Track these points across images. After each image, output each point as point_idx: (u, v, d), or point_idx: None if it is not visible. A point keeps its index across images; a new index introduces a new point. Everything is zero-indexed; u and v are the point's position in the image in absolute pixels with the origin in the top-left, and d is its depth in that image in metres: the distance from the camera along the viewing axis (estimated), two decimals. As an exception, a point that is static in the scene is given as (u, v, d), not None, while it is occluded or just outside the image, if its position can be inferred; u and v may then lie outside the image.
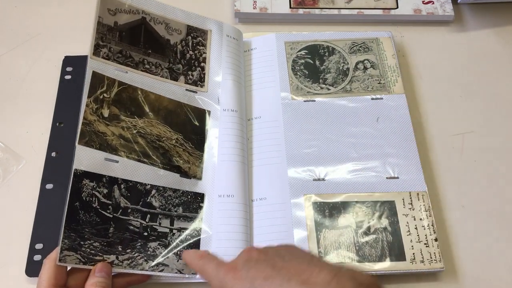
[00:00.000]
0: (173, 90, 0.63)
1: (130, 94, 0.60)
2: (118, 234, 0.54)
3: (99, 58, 0.60)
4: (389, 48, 0.68)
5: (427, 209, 0.58)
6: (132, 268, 0.53)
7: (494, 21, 0.75)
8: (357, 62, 0.68)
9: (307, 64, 0.68)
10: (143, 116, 0.60)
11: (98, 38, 0.61)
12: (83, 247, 0.51)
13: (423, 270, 0.54)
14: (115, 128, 0.58)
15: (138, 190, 0.56)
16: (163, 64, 0.64)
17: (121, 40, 0.63)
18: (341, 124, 0.63)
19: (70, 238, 0.51)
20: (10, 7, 0.75)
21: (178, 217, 0.57)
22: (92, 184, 0.54)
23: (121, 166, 0.56)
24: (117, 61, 0.61)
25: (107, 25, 0.62)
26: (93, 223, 0.53)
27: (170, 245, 0.55)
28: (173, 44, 0.65)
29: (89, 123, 0.56)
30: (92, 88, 0.58)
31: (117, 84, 0.60)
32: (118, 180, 0.56)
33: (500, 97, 0.68)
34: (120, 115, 0.59)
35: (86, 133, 0.55)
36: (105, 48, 0.61)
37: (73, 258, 0.50)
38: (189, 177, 0.59)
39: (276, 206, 0.59)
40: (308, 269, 0.40)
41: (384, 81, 0.66)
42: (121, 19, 0.63)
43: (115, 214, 0.54)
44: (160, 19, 0.66)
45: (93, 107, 0.57)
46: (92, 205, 0.53)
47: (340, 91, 0.66)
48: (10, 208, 0.60)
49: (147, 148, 0.58)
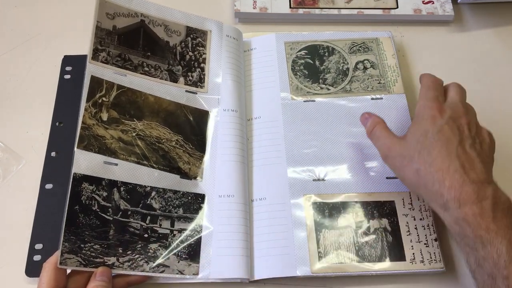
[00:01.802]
0: (172, 92, 0.63)
1: (129, 97, 0.60)
2: (118, 236, 0.54)
3: (98, 62, 0.60)
4: (389, 48, 0.68)
5: (427, 209, 0.58)
6: (133, 270, 0.53)
7: (494, 21, 0.75)
8: (357, 62, 0.68)
9: (307, 64, 0.68)
10: (142, 118, 0.60)
11: (96, 43, 0.61)
12: (84, 250, 0.52)
13: (423, 270, 0.54)
14: (114, 131, 0.58)
15: (138, 193, 0.56)
16: (162, 66, 0.64)
17: (120, 43, 0.62)
18: (341, 124, 0.63)
19: (70, 241, 0.51)
20: (10, 7, 0.75)
21: (179, 218, 0.57)
22: (91, 187, 0.54)
23: (120, 169, 0.56)
24: (116, 64, 0.61)
25: (105, 29, 0.62)
26: (93, 226, 0.53)
27: (170, 246, 0.55)
28: (172, 45, 0.65)
29: (88, 127, 0.56)
30: (90, 92, 0.58)
31: (116, 88, 0.60)
32: (117, 183, 0.56)
33: (500, 97, 0.68)
34: (119, 118, 0.59)
35: (85, 137, 0.56)
36: (104, 52, 0.61)
37: (74, 261, 0.51)
38: (190, 178, 0.59)
39: (276, 206, 0.59)
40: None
41: (384, 81, 0.66)
42: (120, 23, 0.63)
43: (115, 217, 0.54)
44: (159, 21, 0.66)
45: (91, 111, 0.57)
46: (91, 208, 0.53)
47: (340, 91, 0.66)
48: (10, 208, 0.60)
49: (147, 150, 0.58)
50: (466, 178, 0.46)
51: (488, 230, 0.44)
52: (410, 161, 0.50)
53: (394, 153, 0.52)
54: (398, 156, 0.52)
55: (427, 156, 0.49)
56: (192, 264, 0.54)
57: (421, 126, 0.51)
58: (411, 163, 0.50)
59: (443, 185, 0.47)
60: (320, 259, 0.55)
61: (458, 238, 0.47)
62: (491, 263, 0.44)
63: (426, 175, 0.48)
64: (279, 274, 0.55)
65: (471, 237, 0.45)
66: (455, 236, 0.47)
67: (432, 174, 0.48)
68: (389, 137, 0.54)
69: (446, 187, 0.46)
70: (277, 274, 0.55)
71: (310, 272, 0.54)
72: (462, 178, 0.46)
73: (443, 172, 0.47)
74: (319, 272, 0.54)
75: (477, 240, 0.44)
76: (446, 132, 0.50)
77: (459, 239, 0.47)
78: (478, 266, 0.45)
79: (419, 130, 0.51)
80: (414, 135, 0.51)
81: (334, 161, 0.61)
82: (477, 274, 0.46)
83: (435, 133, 0.50)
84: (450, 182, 0.46)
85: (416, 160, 0.49)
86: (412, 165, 0.50)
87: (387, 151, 0.53)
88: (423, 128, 0.51)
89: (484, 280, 0.45)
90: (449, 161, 0.48)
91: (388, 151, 0.53)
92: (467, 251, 0.46)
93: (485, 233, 0.44)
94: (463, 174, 0.47)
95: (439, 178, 0.47)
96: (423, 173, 0.48)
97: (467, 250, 0.46)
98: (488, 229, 0.44)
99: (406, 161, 0.50)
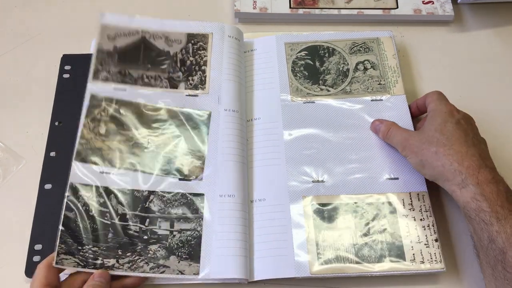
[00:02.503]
0: (172, 98, 0.63)
1: (127, 109, 0.62)
2: (118, 239, 0.54)
3: (98, 81, 0.62)
4: (389, 48, 0.68)
5: (427, 209, 0.57)
6: (133, 271, 0.53)
7: (494, 21, 0.75)
8: (357, 63, 0.67)
9: (307, 65, 0.68)
10: (140, 127, 0.61)
11: (97, 64, 0.63)
12: (82, 252, 0.53)
13: (423, 270, 0.54)
14: (111, 142, 0.59)
15: (136, 197, 0.57)
16: (162, 75, 0.64)
17: (120, 61, 0.64)
18: (340, 125, 0.63)
19: (67, 243, 0.53)
20: (10, 7, 0.75)
21: (178, 219, 0.57)
22: (88, 194, 0.56)
23: (118, 177, 0.58)
24: (115, 81, 0.63)
25: (106, 51, 0.64)
26: (90, 229, 0.54)
27: (170, 247, 0.55)
28: (173, 54, 0.66)
29: (86, 142, 0.59)
30: (90, 109, 0.60)
31: (114, 102, 0.62)
32: (114, 190, 0.57)
33: (500, 97, 0.68)
34: (117, 129, 0.60)
35: (82, 151, 0.58)
36: (104, 71, 0.63)
37: (71, 261, 0.52)
38: (189, 179, 0.59)
39: (275, 208, 0.59)
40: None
41: (385, 82, 0.66)
42: (121, 42, 0.65)
43: (113, 221, 0.55)
44: (159, 34, 0.66)
45: (90, 126, 0.59)
46: (88, 214, 0.55)
47: (340, 92, 0.65)
48: (10, 208, 0.60)
49: (144, 157, 0.59)
50: (483, 163, 0.51)
51: (503, 207, 0.49)
52: (429, 145, 0.54)
53: (412, 141, 0.56)
54: (416, 143, 0.55)
55: (446, 141, 0.53)
56: (193, 264, 0.54)
57: (439, 118, 0.56)
58: (430, 147, 0.54)
59: (462, 165, 0.51)
60: (319, 260, 0.55)
61: (473, 214, 0.50)
62: (504, 237, 0.47)
63: (445, 156, 0.52)
64: (278, 275, 0.55)
65: (488, 212, 0.49)
66: (470, 212, 0.50)
67: (451, 155, 0.52)
68: (405, 131, 0.59)
69: (465, 166, 0.51)
70: (276, 275, 0.55)
71: (309, 273, 0.54)
72: (479, 162, 0.51)
73: (462, 154, 0.52)
74: (318, 273, 0.54)
75: (493, 214, 0.48)
76: (463, 125, 0.55)
77: (474, 215, 0.50)
78: (491, 242, 0.48)
79: (437, 120, 0.55)
80: (432, 125, 0.55)
81: (333, 162, 0.61)
82: (489, 250, 0.49)
83: (453, 123, 0.55)
84: (468, 163, 0.51)
85: (435, 144, 0.53)
86: (430, 148, 0.53)
87: (405, 142, 0.57)
88: (441, 118, 0.55)
89: (495, 256, 0.48)
90: (467, 147, 0.53)
91: (406, 141, 0.57)
92: (481, 227, 0.49)
93: (500, 209, 0.49)
94: (480, 160, 0.52)
95: (458, 159, 0.52)
96: (442, 154, 0.52)
97: (482, 226, 0.49)
98: (503, 206, 0.49)
99: (425, 145, 0.54)
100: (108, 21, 0.66)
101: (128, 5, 0.76)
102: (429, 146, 0.54)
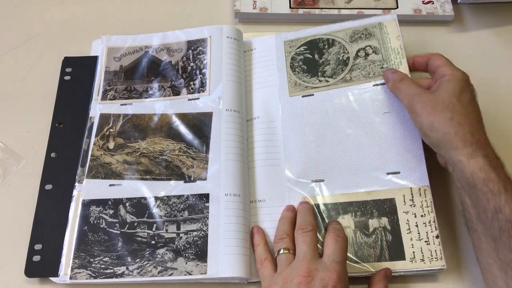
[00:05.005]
0: (175, 104, 0.64)
1: (133, 122, 0.63)
2: (127, 247, 0.56)
3: (106, 101, 0.65)
4: (393, 30, 0.65)
5: (428, 205, 0.56)
6: (142, 276, 0.54)
7: (494, 21, 0.75)
8: (358, 50, 0.65)
9: (306, 59, 0.66)
10: (146, 137, 0.62)
11: (105, 85, 0.66)
12: (93, 263, 0.55)
13: (423, 269, 0.54)
14: (120, 156, 0.61)
15: (143, 204, 0.58)
16: (165, 84, 0.66)
17: (126, 78, 0.66)
18: (339, 118, 0.61)
19: (80, 257, 0.55)
20: (10, 7, 0.75)
21: (184, 221, 0.57)
22: (98, 208, 0.58)
23: (125, 187, 0.59)
24: (122, 98, 0.65)
25: (113, 71, 0.66)
26: (101, 241, 0.56)
27: (177, 248, 0.55)
28: (174, 63, 0.67)
29: (96, 158, 0.60)
30: (99, 127, 0.63)
31: (121, 117, 0.63)
32: (122, 200, 0.58)
33: (500, 97, 0.68)
34: (125, 143, 0.62)
35: (93, 167, 0.61)
36: (112, 91, 0.65)
37: (84, 274, 0.54)
38: (194, 180, 0.59)
39: (275, 209, 0.58)
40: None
41: (387, 65, 0.63)
42: (126, 61, 0.67)
43: (122, 230, 0.57)
44: (161, 46, 0.68)
45: (99, 143, 0.61)
46: (100, 226, 0.57)
47: (339, 81, 0.64)
48: (10, 208, 0.60)
49: (150, 165, 0.61)
50: (488, 141, 0.53)
51: (510, 177, 0.50)
52: (445, 109, 0.53)
53: (424, 99, 0.55)
54: (429, 102, 0.54)
55: (462, 109, 0.53)
56: (200, 264, 0.54)
57: (458, 84, 0.55)
58: (445, 111, 0.53)
59: (473, 136, 0.52)
60: (320, 259, 0.55)
61: (480, 184, 0.50)
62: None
63: (460, 124, 0.52)
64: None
65: (496, 181, 0.49)
66: (477, 182, 0.50)
67: (467, 126, 0.52)
68: (418, 87, 0.57)
69: (475, 139, 0.51)
70: (277, 274, 0.55)
71: (310, 272, 0.54)
72: (486, 139, 0.53)
73: (474, 127, 0.52)
74: (319, 272, 0.54)
75: (501, 184, 0.49)
76: (476, 97, 0.56)
77: (482, 185, 0.50)
78: (497, 212, 0.48)
79: (456, 86, 0.55)
80: (449, 89, 0.54)
81: (332, 160, 0.60)
82: (493, 222, 0.49)
83: (469, 93, 0.55)
84: (478, 137, 0.52)
85: (451, 110, 0.53)
86: (446, 113, 0.53)
87: (418, 97, 0.55)
88: (459, 85, 0.55)
89: (500, 227, 0.48)
90: (478, 121, 0.53)
91: (419, 97, 0.55)
92: (488, 197, 0.49)
93: (508, 179, 0.50)
94: (486, 138, 0.53)
95: (471, 131, 0.52)
96: (457, 122, 0.52)
97: (489, 196, 0.49)
98: (510, 176, 0.51)
99: (439, 108, 0.53)
100: (112, 43, 0.69)
101: (128, 5, 0.76)
102: (444, 110, 0.53)
